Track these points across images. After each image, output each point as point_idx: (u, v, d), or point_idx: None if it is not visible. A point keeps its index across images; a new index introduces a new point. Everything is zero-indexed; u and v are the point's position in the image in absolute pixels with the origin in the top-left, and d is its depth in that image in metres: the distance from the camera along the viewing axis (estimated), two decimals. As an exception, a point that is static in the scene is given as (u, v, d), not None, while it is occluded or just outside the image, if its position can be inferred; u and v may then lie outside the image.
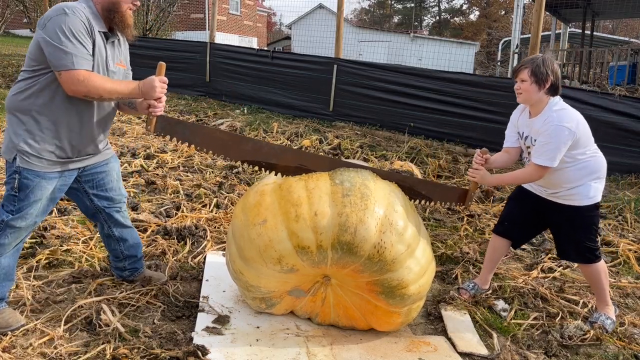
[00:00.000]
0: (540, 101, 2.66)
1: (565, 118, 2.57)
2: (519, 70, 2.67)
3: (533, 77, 2.61)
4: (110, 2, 2.27)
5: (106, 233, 2.73)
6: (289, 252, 2.19)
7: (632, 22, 31.14)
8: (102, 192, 2.59)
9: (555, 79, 2.63)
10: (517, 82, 2.69)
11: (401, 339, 2.57)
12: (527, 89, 2.65)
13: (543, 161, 2.56)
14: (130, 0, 2.31)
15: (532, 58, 2.67)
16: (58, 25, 2.10)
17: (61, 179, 2.36)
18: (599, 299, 2.84)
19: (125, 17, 2.32)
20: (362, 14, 53.16)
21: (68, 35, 2.11)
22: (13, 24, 27.70)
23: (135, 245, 2.81)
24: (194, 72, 9.64)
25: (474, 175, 2.76)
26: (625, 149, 5.87)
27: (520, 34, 11.47)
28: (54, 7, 2.18)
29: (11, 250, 2.35)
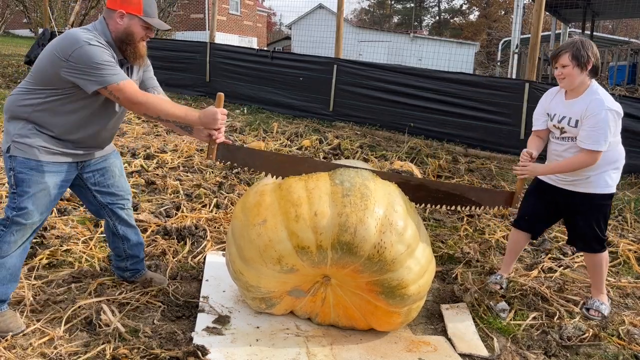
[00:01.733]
0: (582, 84, 2.65)
1: (614, 102, 2.57)
2: (558, 55, 2.63)
3: (575, 61, 2.60)
4: (125, 34, 2.29)
5: (111, 230, 2.74)
6: (288, 252, 2.19)
7: (632, 22, 31.15)
8: (105, 188, 2.60)
9: (597, 61, 2.62)
10: (557, 67, 2.66)
11: (401, 339, 2.57)
12: (569, 73, 2.62)
13: (597, 146, 2.56)
14: (143, 33, 2.33)
15: (571, 42, 2.64)
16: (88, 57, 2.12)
17: (58, 175, 2.35)
18: (596, 287, 2.94)
19: (138, 48, 2.34)
20: (362, 14, 53.19)
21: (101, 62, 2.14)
22: (13, 24, 27.71)
23: (138, 245, 2.81)
24: (194, 72, 9.64)
25: (524, 171, 2.75)
26: (626, 149, 5.82)
27: (520, 34, 11.47)
28: (72, 37, 2.16)
29: (18, 250, 2.35)
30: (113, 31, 2.28)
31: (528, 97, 6.43)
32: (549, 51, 13.77)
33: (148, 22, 2.30)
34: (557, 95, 2.81)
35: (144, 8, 2.29)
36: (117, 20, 2.27)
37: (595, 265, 2.88)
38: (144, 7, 2.29)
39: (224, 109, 2.36)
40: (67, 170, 2.40)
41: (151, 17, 2.32)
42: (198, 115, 2.31)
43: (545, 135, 2.90)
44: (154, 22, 2.32)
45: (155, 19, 2.34)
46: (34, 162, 2.26)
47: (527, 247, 3.88)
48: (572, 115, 2.68)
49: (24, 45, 18.31)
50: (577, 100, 2.66)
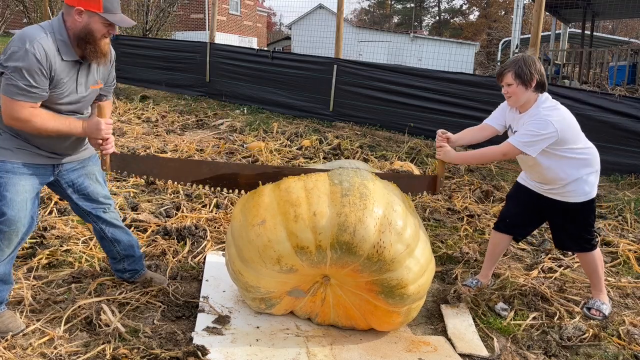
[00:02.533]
0: (528, 100, 2.68)
1: (553, 114, 2.58)
2: (502, 75, 2.68)
3: (518, 80, 2.63)
4: (84, 32, 2.18)
5: (100, 235, 2.72)
6: (288, 252, 2.19)
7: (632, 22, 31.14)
8: (84, 195, 2.57)
9: (540, 77, 2.64)
10: (503, 86, 2.71)
11: (401, 339, 2.57)
12: (514, 92, 2.67)
13: (519, 144, 2.58)
14: (105, 30, 2.21)
15: (513, 60, 2.68)
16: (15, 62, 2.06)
17: (34, 177, 2.30)
18: (595, 287, 2.95)
19: (100, 46, 2.23)
20: (362, 14, 53.20)
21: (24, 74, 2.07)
22: (13, 24, 27.68)
23: (130, 244, 2.79)
24: (194, 72, 9.64)
25: (438, 152, 2.77)
26: (625, 149, 5.87)
27: (520, 34, 11.46)
28: (20, 36, 2.11)
29: (6, 259, 2.32)
30: (70, 28, 2.18)
31: (528, 97, 6.42)
32: (549, 51, 13.78)
33: (109, 19, 2.17)
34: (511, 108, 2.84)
35: (104, 4, 2.15)
36: (76, 18, 2.15)
37: (590, 264, 2.90)
38: (103, 3, 2.15)
39: (109, 119, 2.34)
40: (43, 173, 2.36)
41: (112, 14, 2.19)
42: (82, 126, 2.27)
43: (489, 132, 2.91)
44: (115, 19, 2.19)
45: (117, 15, 2.21)
46: (9, 164, 2.22)
47: (527, 247, 3.88)
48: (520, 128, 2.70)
49: (24, 46, 18.29)
50: (525, 114, 2.70)
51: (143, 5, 18.75)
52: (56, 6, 18.67)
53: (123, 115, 8.04)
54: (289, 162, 5.84)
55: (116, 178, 4.74)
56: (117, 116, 7.89)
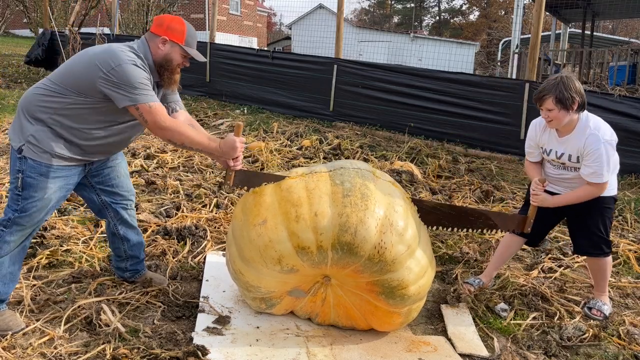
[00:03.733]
0: (571, 121, 2.64)
1: (608, 133, 2.58)
2: (542, 100, 2.60)
3: (559, 105, 2.56)
4: (164, 59, 2.37)
5: (112, 230, 2.74)
6: (289, 252, 2.19)
7: (632, 22, 31.15)
8: (109, 187, 2.61)
9: (581, 97, 2.58)
10: (542, 109, 2.64)
11: (401, 339, 2.57)
12: (556, 117, 2.60)
13: (601, 179, 2.59)
14: (181, 61, 2.41)
15: (554, 83, 2.57)
16: (128, 75, 2.18)
17: (66, 179, 2.36)
18: (599, 289, 2.94)
19: (174, 74, 2.42)
20: (362, 14, 53.19)
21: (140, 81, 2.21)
22: (13, 24, 27.70)
23: (138, 246, 2.81)
24: (194, 72, 9.64)
25: (535, 200, 2.77)
26: (625, 149, 5.86)
27: (520, 34, 11.46)
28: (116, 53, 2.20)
29: (16, 249, 2.35)
30: (154, 54, 2.36)
31: (528, 97, 6.43)
32: (549, 51, 13.78)
33: (188, 51, 2.40)
34: (547, 130, 2.79)
35: (187, 38, 2.40)
36: (160, 45, 2.35)
37: (600, 269, 2.87)
38: (186, 37, 2.39)
39: (243, 138, 2.42)
40: (75, 174, 2.41)
41: (191, 48, 2.42)
42: (218, 144, 2.37)
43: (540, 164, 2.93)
44: (192, 53, 2.42)
45: (194, 50, 2.44)
46: (45, 167, 2.26)
47: (527, 247, 3.88)
48: (571, 152, 2.69)
49: (24, 45, 18.31)
50: (570, 137, 2.66)
51: (143, 5, 18.74)
52: (56, 6, 18.66)
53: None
54: (289, 162, 5.84)
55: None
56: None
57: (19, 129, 2.28)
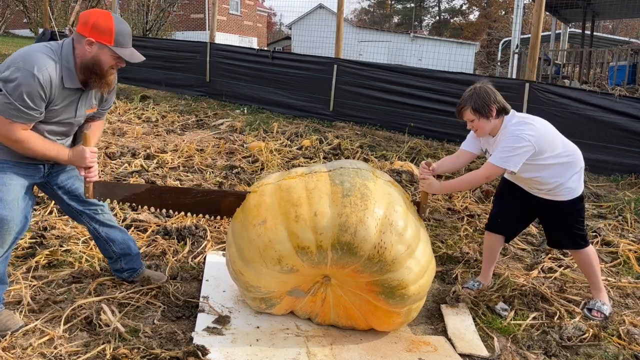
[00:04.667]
0: (495, 126, 2.71)
1: (523, 128, 2.61)
2: (461, 112, 2.69)
3: (477, 114, 2.64)
4: (92, 62, 2.19)
5: (94, 234, 2.71)
6: (288, 252, 2.19)
7: (632, 22, 31.15)
8: (75, 196, 2.56)
9: (499, 104, 2.65)
10: (465, 121, 2.72)
11: (401, 339, 2.57)
12: (479, 125, 2.69)
13: (497, 161, 2.60)
14: (113, 62, 2.22)
15: (469, 95, 2.66)
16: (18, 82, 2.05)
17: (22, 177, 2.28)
18: (593, 286, 2.97)
19: (106, 77, 2.25)
20: (362, 14, 53.19)
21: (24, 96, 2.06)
22: (13, 24, 27.69)
23: (125, 243, 2.77)
24: (194, 72, 9.64)
25: (422, 185, 2.77)
26: (625, 149, 5.87)
27: (520, 34, 11.46)
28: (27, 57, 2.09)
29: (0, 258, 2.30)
30: (79, 56, 2.18)
31: (528, 97, 6.43)
32: (549, 51, 13.78)
33: (118, 53, 2.19)
34: None
35: (116, 37, 2.17)
36: (86, 47, 2.16)
37: (585, 262, 2.91)
38: (115, 36, 2.17)
39: (94, 148, 2.36)
40: (33, 173, 2.35)
41: (123, 48, 2.21)
42: (68, 154, 2.31)
43: (466, 158, 2.91)
44: (124, 54, 2.20)
45: (127, 50, 2.22)
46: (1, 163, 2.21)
47: (527, 247, 3.88)
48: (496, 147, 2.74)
49: (24, 45, 18.29)
50: (497, 138, 2.73)
51: (143, 5, 18.75)
52: (56, 6, 18.67)
53: (123, 115, 8.04)
54: (289, 162, 5.84)
55: (116, 178, 4.74)
56: (117, 116, 7.89)
57: None
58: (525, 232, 4.17)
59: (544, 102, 6.30)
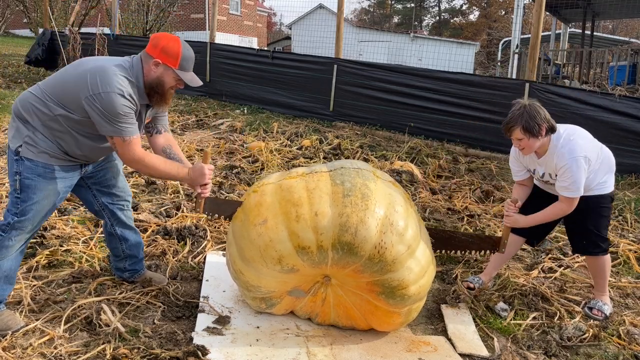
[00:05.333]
0: (543, 145, 2.70)
1: (575, 149, 2.62)
2: (510, 131, 2.66)
3: (528, 134, 2.62)
4: (156, 82, 2.32)
5: (109, 231, 2.74)
6: (289, 252, 2.19)
7: (632, 22, 31.16)
8: (105, 188, 2.62)
9: (548, 123, 2.64)
10: (512, 139, 2.71)
11: (401, 339, 2.57)
12: (527, 145, 2.67)
13: (571, 194, 2.64)
14: (174, 84, 2.36)
15: (519, 113, 2.62)
16: (112, 105, 2.17)
17: (64, 180, 2.36)
18: (599, 289, 2.95)
19: (166, 96, 2.39)
20: (362, 14, 53.18)
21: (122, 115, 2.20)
22: (13, 24, 27.71)
23: (136, 245, 2.81)
24: (194, 72, 9.62)
25: (508, 221, 2.82)
26: (625, 149, 5.87)
27: (521, 34, 11.46)
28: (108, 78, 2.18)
29: (14, 253, 2.35)
30: (146, 75, 2.32)
31: (528, 97, 6.43)
32: (549, 51, 13.78)
33: (181, 76, 2.34)
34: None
35: (181, 62, 2.32)
36: (152, 67, 2.30)
37: (599, 268, 2.88)
38: (180, 61, 2.32)
39: (211, 165, 2.45)
40: (73, 175, 2.41)
41: (185, 72, 2.36)
42: (187, 172, 2.41)
43: (529, 183, 2.98)
44: (186, 77, 2.35)
45: (189, 74, 2.38)
46: (42, 168, 2.26)
47: (527, 247, 3.88)
48: (550, 172, 2.76)
49: (24, 45, 18.31)
50: (546, 157, 2.73)
51: (143, 5, 18.75)
52: (56, 6, 18.66)
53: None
54: (289, 162, 5.84)
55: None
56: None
57: (16, 131, 2.28)
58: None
59: (544, 102, 6.23)
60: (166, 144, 2.57)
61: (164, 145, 2.56)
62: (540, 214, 2.81)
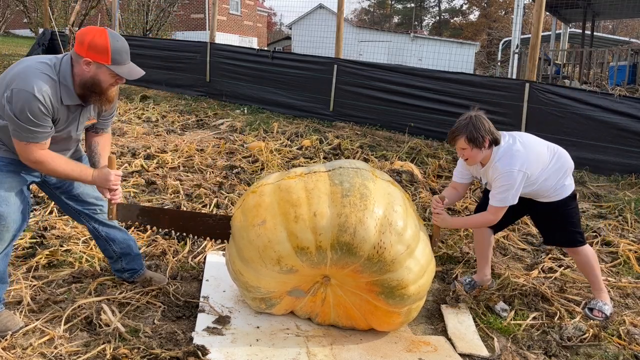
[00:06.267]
0: (486, 156, 2.73)
1: (510, 162, 2.64)
2: (455, 140, 2.70)
3: (471, 144, 2.65)
4: (91, 82, 2.18)
5: (95, 234, 2.72)
6: (288, 252, 2.19)
7: (632, 22, 31.15)
8: (74, 196, 2.57)
9: (492, 136, 2.66)
10: (457, 149, 2.74)
11: (401, 339, 2.57)
12: (470, 155, 2.71)
13: (498, 203, 2.69)
14: (112, 80, 2.22)
15: (464, 124, 2.66)
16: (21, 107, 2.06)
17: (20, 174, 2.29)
18: (594, 286, 2.97)
19: (107, 95, 2.25)
20: (362, 14, 53.19)
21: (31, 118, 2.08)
22: (13, 24, 27.70)
23: (125, 242, 2.77)
24: (194, 72, 9.63)
25: (436, 219, 2.82)
26: (625, 149, 5.87)
27: (521, 34, 11.46)
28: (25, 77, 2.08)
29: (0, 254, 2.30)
30: (77, 75, 2.18)
31: (528, 97, 6.43)
32: (549, 51, 13.78)
33: (116, 71, 2.18)
34: None
35: (112, 56, 2.15)
36: (84, 67, 2.16)
37: (584, 262, 2.91)
38: (112, 55, 2.15)
39: (118, 171, 2.41)
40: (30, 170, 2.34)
41: (121, 65, 2.19)
42: (91, 175, 2.35)
43: (462, 189, 3.00)
44: (122, 71, 2.19)
45: (125, 67, 2.20)
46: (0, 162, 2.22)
47: (527, 247, 3.88)
48: (490, 181, 2.79)
49: (24, 45, 18.30)
50: (487, 168, 2.77)
51: (143, 5, 18.76)
52: (56, 6, 18.67)
53: (123, 115, 8.04)
54: (289, 162, 5.84)
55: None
56: (118, 116, 7.88)
57: None
58: (525, 232, 4.17)
59: (544, 102, 6.31)
60: (97, 141, 2.49)
61: (95, 141, 2.49)
62: (468, 219, 2.87)
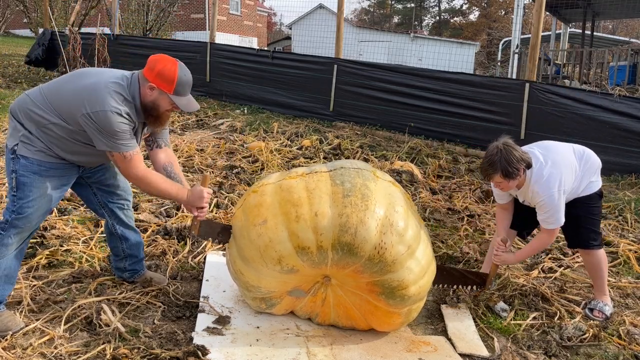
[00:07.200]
0: (521, 181, 2.74)
1: (549, 184, 2.65)
2: (490, 177, 2.69)
3: (507, 178, 2.64)
4: (151, 105, 2.33)
5: (110, 230, 2.75)
6: (289, 252, 2.19)
7: (632, 22, 31.16)
8: (105, 186, 2.63)
9: (525, 162, 2.66)
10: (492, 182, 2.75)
11: (401, 339, 2.57)
12: (507, 186, 2.72)
13: (553, 225, 2.73)
14: (169, 107, 2.36)
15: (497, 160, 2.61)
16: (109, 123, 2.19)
17: (60, 178, 2.36)
18: (598, 289, 2.96)
19: (161, 119, 2.40)
20: (362, 14, 53.17)
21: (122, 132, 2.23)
22: (13, 24, 27.70)
23: (136, 245, 2.81)
24: (194, 72, 9.37)
25: (497, 260, 2.88)
26: (625, 149, 5.87)
27: (520, 34, 11.46)
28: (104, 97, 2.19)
29: (14, 252, 2.35)
30: (142, 97, 2.32)
31: (528, 97, 6.43)
32: (549, 51, 13.78)
33: (175, 101, 2.32)
34: None
35: (176, 88, 2.30)
36: (147, 91, 2.30)
37: (594, 265, 2.89)
38: (176, 87, 2.30)
39: (210, 189, 2.47)
40: (70, 174, 2.41)
41: (181, 97, 2.34)
42: (186, 194, 2.42)
43: (510, 206, 3.02)
44: (180, 102, 2.34)
45: (184, 99, 2.35)
46: (37, 165, 2.27)
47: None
48: (530, 200, 2.82)
49: (24, 45, 18.30)
50: (523, 189, 2.79)
51: (143, 5, 18.76)
52: (56, 6, 18.66)
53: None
54: (289, 162, 5.84)
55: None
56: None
57: (13, 130, 2.30)
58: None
59: (544, 102, 6.31)
60: (167, 161, 2.57)
61: (165, 162, 2.56)
62: (527, 248, 2.92)
